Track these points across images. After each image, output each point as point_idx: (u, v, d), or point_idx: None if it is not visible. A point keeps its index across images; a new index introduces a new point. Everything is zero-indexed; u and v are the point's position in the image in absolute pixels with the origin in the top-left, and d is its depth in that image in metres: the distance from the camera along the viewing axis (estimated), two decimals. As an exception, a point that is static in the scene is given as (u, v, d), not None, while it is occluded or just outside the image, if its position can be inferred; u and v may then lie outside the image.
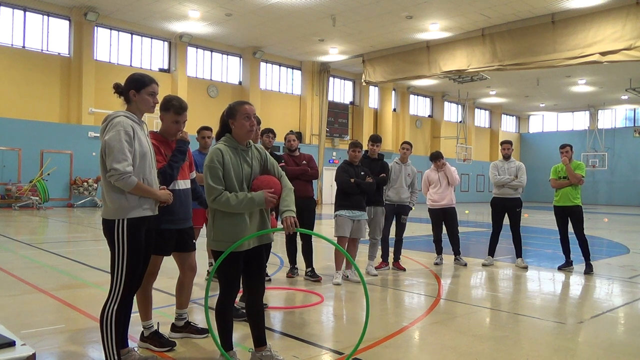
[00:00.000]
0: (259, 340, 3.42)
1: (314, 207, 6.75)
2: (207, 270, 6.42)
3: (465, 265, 7.92)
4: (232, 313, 3.40)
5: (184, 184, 3.89)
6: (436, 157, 8.27)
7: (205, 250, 6.68)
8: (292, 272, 6.61)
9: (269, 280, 6.32)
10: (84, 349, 3.77)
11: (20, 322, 4.34)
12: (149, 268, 3.48)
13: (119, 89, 3.28)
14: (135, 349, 3.47)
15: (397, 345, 4.01)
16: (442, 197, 8.11)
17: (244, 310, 4.65)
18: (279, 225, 5.35)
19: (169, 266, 4.44)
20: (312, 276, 6.43)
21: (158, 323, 3.87)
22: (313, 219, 6.72)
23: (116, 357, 3.10)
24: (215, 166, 3.21)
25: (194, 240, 4.12)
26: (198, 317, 4.64)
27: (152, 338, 3.74)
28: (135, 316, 3.62)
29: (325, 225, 14.21)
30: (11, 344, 2.06)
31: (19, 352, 2.02)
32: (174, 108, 3.72)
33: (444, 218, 8.15)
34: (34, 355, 2.01)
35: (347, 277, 6.53)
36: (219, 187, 3.19)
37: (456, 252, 8.09)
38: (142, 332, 3.78)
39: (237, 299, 4.98)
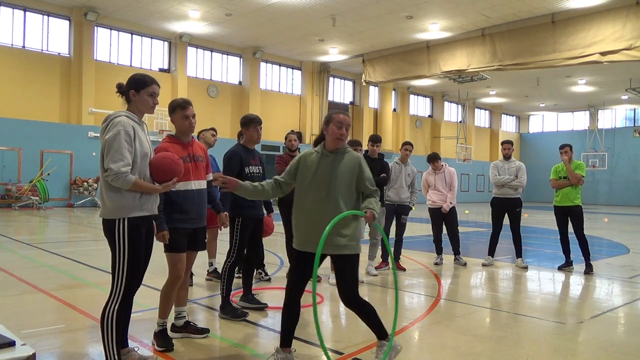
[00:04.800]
0: (382, 333, 3.47)
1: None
2: (207, 270, 6.42)
3: (465, 265, 7.92)
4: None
5: (197, 184, 3.91)
6: (433, 158, 8.26)
7: (205, 250, 6.69)
8: (292, 272, 6.61)
9: (269, 279, 6.33)
10: (84, 349, 3.77)
11: (20, 322, 4.34)
12: (180, 268, 3.77)
13: (121, 89, 3.29)
14: (136, 348, 3.47)
15: (397, 345, 4.01)
16: (441, 197, 8.11)
17: (245, 311, 4.67)
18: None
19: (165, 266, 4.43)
20: (312, 276, 6.42)
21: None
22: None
23: (116, 357, 3.10)
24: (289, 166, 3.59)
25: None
26: (198, 317, 4.64)
27: (157, 335, 3.79)
28: (135, 316, 3.62)
29: (325, 225, 14.19)
30: (11, 344, 2.06)
31: (19, 352, 2.02)
32: (179, 105, 3.83)
33: (443, 218, 8.14)
34: (34, 355, 2.01)
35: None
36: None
37: (456, 251, 8.10)
38: (162, 328, 3.81)
39: (237, 300, 4.99)
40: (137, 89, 3.23)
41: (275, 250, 8.81)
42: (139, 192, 3.15)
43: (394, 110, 32.10)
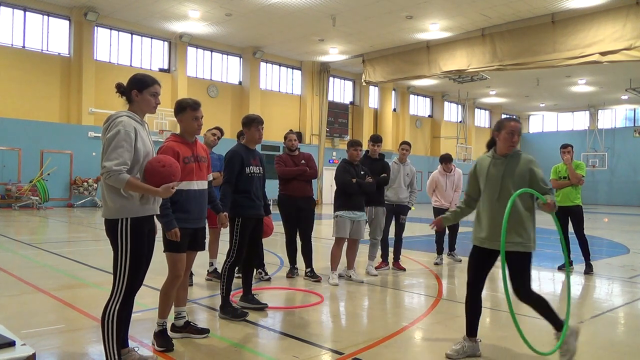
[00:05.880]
0: (558, 324, 3.78)
1: (314, 206, 6.74)
2: (207, 270, 6.42)
3: (460, 261, 7.96)
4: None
5: (200, 184, 3.93)
6: (447, 160, 8.28)
7: (204, 250, 6.69)
8: (292, 272, 6.61)
9: (269, 279, 6.33)
10: (84, 349, 3.77)
11: (20, 322, 4.34)
12: (179, 268, 3.79)
13: (120, 89, 3.28)
14: (136, 348, 3.47)
15: (397, 345, 4.01)
16: (447, 199, 8.15)
17: (245, 311, 4.67)
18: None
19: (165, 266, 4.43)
20: (312, 276, 6.42)
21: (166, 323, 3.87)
22: (312, 218, 6.72)
23: (116, 357, 3.10)
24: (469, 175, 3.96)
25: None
26: (198, 317, 4.64)
27: (158, 335, 3.78)
28: (135, 316, 3.62)
29: (325, 225, 14.21)
30: (11, 344, 2.06)
31: (19, 352, 2.02)
32: (190, 106, 3.88)
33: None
34: (34, 355, 2.01)
35: (350, 277, 6.52)
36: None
37: (451, 247, 8.16)
38: (165, 327, 3.83)
39: (237, 300, 4.99)
40: (140, 89, 3.23)
41: (275, 250, 8.80)
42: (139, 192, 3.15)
43: (394, 110, 32.10)
